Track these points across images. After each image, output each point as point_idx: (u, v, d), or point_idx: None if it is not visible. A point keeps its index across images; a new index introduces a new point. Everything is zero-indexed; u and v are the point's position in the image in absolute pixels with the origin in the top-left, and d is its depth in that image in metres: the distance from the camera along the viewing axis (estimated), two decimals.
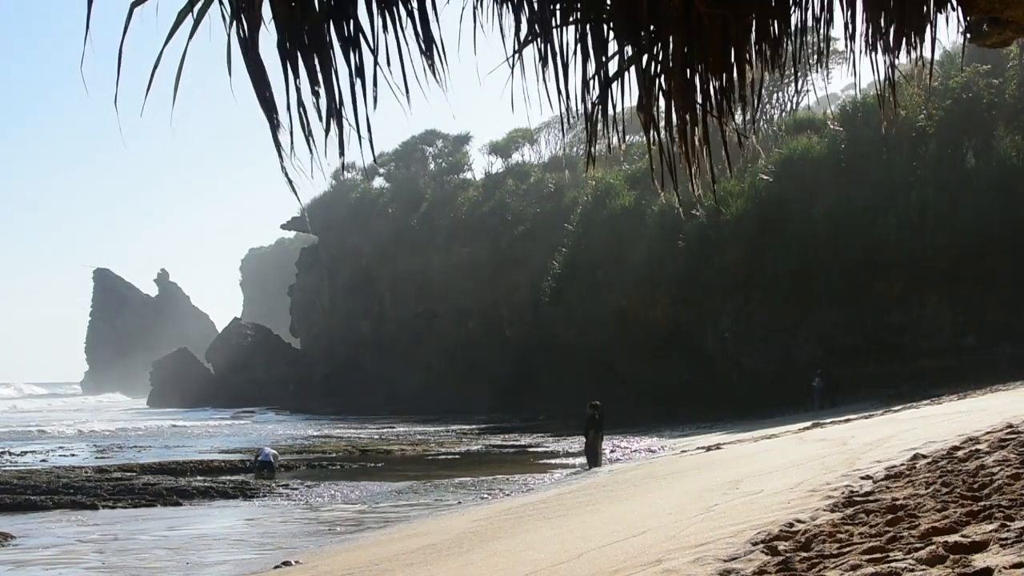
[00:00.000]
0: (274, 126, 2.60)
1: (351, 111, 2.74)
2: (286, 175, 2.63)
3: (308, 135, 2.67)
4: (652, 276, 41.22)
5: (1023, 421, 9.55)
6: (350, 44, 2.70)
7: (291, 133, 2.64)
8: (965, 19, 3.77)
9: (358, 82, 2.74)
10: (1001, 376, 24.41)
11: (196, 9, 2.46)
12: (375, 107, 2.78)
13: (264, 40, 2.58)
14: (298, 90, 2.63)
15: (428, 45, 2.85)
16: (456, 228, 63.51)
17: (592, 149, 3.51)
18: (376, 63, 2.78)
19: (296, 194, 2.67)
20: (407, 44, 2.81)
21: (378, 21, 2.76)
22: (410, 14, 2.82)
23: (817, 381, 31.71)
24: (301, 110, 2.65)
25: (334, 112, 2.70)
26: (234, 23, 2.49)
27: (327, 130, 2.70)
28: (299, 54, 2.61)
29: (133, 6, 2.39)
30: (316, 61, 2.64)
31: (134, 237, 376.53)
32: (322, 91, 2.67)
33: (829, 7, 3.56)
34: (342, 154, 2.75)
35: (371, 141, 2.77)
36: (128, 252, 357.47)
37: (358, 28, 2.72)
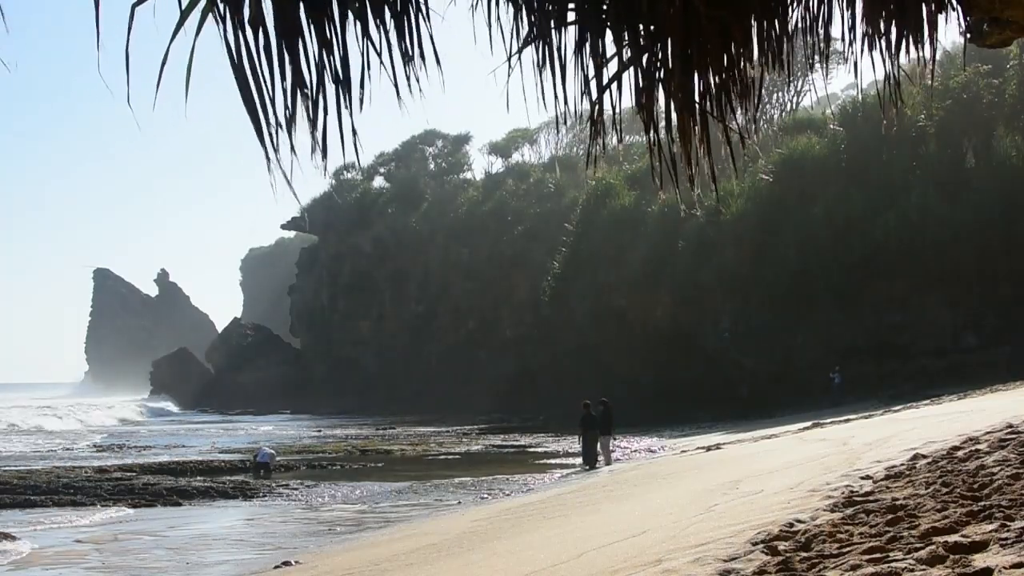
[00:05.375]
0: (261, 133, 2.59)
1: (335, 113, 2.75)
2: (278, 179, 2.64)
3: (312, 136, 2.68)
4: (652, 276, 41.20)
5: (1023, 421, 9.55)
6: (330, 47, 2.70)
7: (277, 136, 2.64)
8: (965, 19, 3.77)
9: (337, 86, 2.75)
10: (1001, 376, 24.44)
11: (199, 8, 2.46)
12: (361, 109, 2.79)
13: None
14: (286, 92, 2.64)
15: (414, 50, 2.86)
16: (456, 228, 63.52)
17: (593, 149, 3.51)
18: (374, 64, 2.79)
19: (296, 196, 2.68)
20: (389, 49, 2.82)
21: (358, 26, 2.77)
22: (396, 19, 2.82)
23: (837, 376, 31.75)
24: (288, 111, 2.66)
25: (316, 115, 2.71)
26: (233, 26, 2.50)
27: (313, 132, 2.71)
28: (284, 55, 2.62)
29: (134, 6, 2.39)
30: (301, 63, 2.64)
31: (134, 237, 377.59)
32: (296, 92, 2.67)
33: (829, 7, 3.56)
34: (325, 156, 2.77)
35: (355, 144, 2.78)
36: (128, 252, 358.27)
37: (342, 30, 2.73)
